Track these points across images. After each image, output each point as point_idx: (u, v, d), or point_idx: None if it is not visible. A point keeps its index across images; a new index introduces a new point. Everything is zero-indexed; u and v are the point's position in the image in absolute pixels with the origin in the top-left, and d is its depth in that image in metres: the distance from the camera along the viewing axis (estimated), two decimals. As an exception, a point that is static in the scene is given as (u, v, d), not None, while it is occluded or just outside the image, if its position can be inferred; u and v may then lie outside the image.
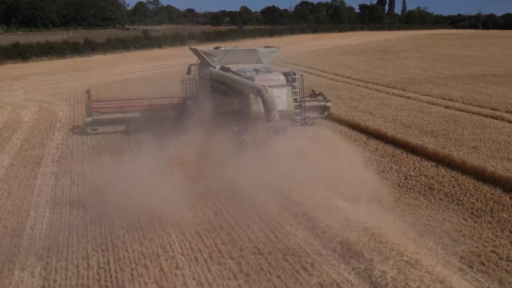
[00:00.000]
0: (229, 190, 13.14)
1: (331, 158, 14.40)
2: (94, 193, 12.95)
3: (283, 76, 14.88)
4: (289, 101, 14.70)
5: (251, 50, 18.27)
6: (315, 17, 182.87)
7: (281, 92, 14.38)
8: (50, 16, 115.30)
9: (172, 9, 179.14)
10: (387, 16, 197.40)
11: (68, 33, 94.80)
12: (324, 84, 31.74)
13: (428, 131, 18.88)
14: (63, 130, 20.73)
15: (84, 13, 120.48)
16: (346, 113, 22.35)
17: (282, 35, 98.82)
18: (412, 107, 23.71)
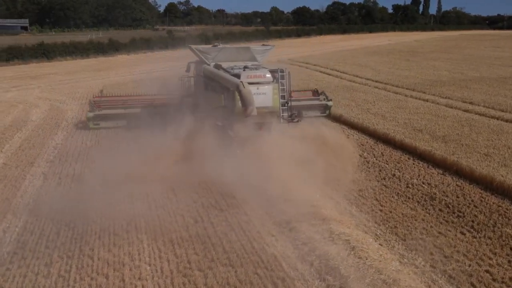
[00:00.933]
0: (216, 194, 12.71)
1: (326, 161, 13.93)
2: (77, 195, 12.57)
3: (270, 73, 14.93)
4: (274, 98, 14.75)
5: (244, 48, 18.77)
6: (347, 18, 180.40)
7: (266, 89, 14.58)
8: (82, 17, 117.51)
9: (202, 10, 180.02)
10: (421, 17, 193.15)
11: (98, 33, 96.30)
12: (341, 86, 30.81)
13: (440, 136, 17.81)
14: (67, 129, 20.59)
15: (115, 14, 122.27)
16: (357, 116, 21.43)
17: (310, 36, 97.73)
18: (428, 111, 22.57)
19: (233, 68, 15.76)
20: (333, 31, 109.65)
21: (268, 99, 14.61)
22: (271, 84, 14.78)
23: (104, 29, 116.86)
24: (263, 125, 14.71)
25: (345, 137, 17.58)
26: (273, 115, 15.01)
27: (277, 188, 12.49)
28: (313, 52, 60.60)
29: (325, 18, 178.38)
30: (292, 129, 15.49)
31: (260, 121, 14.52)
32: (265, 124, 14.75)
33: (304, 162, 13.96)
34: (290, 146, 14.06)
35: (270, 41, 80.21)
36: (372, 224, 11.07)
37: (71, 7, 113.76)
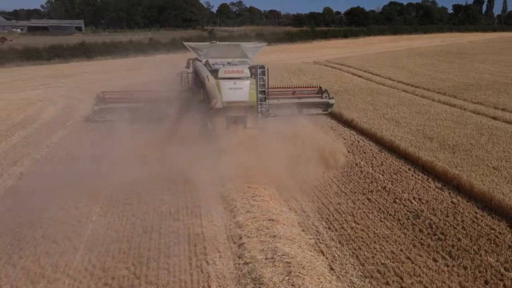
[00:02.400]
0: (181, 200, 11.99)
1: (305, 166, 13.70)
2: (36, 197, 12.18)
3: (248, 69, 15.25)
4: (251, 93, 15.03)
5: (235, 45, 18.92)
6: (403, 19, 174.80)
7: (243, 84, 14.91)
8: (134, 17, 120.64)
9: (254, 11, 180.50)
10: (484, 17, 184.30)
11: (146, 34, 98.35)
12: (366, 88, 29.19)
13: (450, 145, 16.14)
14: (70, 128, 20.51)
15: (166, 15, 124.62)
16: (368, 121, 19.99)
17: (358, 37, 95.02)
18: (449, 117, 20.74)
19: (217, 63, 15.97)
20: (384, 32, 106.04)
21: (244, 94, 14.91)
22: (248, 79, 15.05)
23: (155, 29, 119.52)
24: (239, 119, 15.22)
25: (331, 141, 16.39)
26: (249, 110, 15.40)
27: (243, 198, 11.64)
28: (355, 53, 58.59)
29: (380, 18, 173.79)
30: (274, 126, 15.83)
31: (236, 115, 15.12)
32: (240, 118, 15.24)
33: (279, 165, 13.23)
34: (266, 146, 14.08)
35: (315, 42, 78.71)
36: (334, 244, 9.89)
37: (124, 8, 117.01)
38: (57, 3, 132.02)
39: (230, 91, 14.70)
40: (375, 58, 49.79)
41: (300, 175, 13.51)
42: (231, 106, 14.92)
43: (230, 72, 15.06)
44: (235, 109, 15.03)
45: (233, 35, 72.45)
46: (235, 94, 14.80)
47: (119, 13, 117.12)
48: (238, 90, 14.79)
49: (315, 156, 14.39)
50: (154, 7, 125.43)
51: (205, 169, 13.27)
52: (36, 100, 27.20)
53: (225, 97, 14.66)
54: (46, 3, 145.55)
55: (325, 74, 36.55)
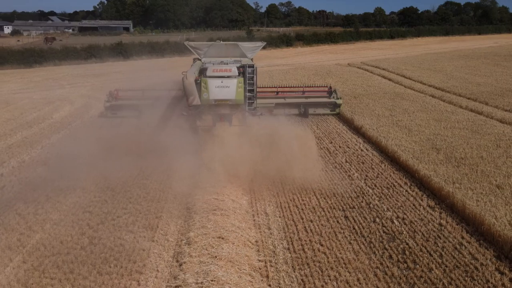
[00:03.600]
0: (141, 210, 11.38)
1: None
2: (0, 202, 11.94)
3: (236, 68, 15.51)
4: (238, 91, 15.30)
5: (233, 45, 19.15)
6: (460, 19, 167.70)
7: (230, 82, 15.23)
8: (181, 18, 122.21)
9: (302, 11, 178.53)
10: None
11: (190, 34, 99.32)
12: (391, 92, 27.59)
13: (457, 157, 14.64)
14: (74, 128, 20.44)
15: (212, 15, 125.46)
16: (378, 128, 18.67)
17: (405, 38, 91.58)
18: (469, 125, 19.04)
19: (211, 62, 16.29)
20: (434, 33, 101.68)
21: (231, 92, 15.24)
22: (235, 78, 15.32)
23: (201, 30, 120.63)
24: (224, 116, 15.52)
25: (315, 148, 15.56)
26: (235, 108, 15.63)
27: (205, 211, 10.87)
28: (396, 55, 56.25)
29: (434, 19, 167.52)
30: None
31: (222, 112, 15.48)
32: (226, 115, 15.53)
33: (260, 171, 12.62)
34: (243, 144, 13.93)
35: (358, 43, 76.48)
36: (285, 268, 8.92)
37: (171, 9, 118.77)
38: (108, 5, 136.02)
39: (217, 89, 15.18)
40: (415, 61, 47.48)
41: (282, 184, 12.98)
42: (218, 104, 15.35)
43: (218, 70, 15.40)
44: (222, 107, 15.41)
45: (273, 35, 71.47)
46: (222, 92, 15.23)
47: (166, 14, 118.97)
48: (225, 89, 15.19)
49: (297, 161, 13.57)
50: (201, 8, 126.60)
51: (182, 175, 12.91)
52: (55, 99, 27.50)
53: (212, 95, 15.22)
54: (98, 4, 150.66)
55: (354, 76, 35.04)
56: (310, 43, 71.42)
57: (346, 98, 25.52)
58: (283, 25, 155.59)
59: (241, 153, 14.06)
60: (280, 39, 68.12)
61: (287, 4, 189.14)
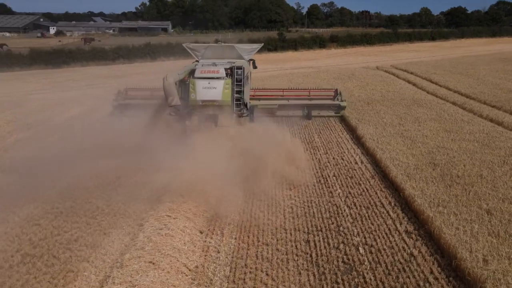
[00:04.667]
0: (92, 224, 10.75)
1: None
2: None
3: (223, 70, 15.64)
4: (225, 92, 15.45)
5: (229, 46, 19.25)
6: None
7: (217, 84, 15.38)
8: (220, 18, 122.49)
9: (345, 12, 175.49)
10: None
11: (226, 35, 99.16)
12: (409, 98, 25.94)
13: (454, 175, 13.21)
14: (71, 131, 20.07)
15: (251, 16, 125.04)
16: (378, 138, 17.36)
17: (447, 39, 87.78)
18: (481, 137, 17.39)
19: (201, 64, 16.56)
20: (479, 34, 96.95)
21: (218, 93, 15.40)
22: (223, 79, 15.50)
23: (239, 30, 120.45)
24: (211, 117, 15.73)
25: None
26: (222, 109, 15.69)
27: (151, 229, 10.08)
28: (432, 57, 53.78)
29: (484, 19, 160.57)
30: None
31: (209, 113, 15.68)
32: (212, 116, 15.71)
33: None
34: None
35: (396, 45, 73.96)
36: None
37: (210, 9, 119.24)
38: (150, 6, 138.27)
39: (204, 90, 15.39)
40: (449, 64, 45.06)
41: (251, 199, 12.30)
42: (205, 104, 15.55)
43: (206, 72, 15.58)
44: (208, 108, 15.63)
45: (305, 36, 69.96)
46: (209, 93, 15.43)
47: (205, 14, 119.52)
48: (212, 90, 15.37)
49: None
50: (240, 9, 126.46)
51: (152, 186, 12.33)
52: (67, 101, 27.45)
53: (199, 96, 15.44)
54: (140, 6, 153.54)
55: (376, 81, 33.42)
56: (345, 44, 69.58)
57: (358, 104, 24.22)
58: (324, 25, 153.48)
59: (215, 164, 13.46)
60: (313, 41, 66.72)
61: (329, 5, 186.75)
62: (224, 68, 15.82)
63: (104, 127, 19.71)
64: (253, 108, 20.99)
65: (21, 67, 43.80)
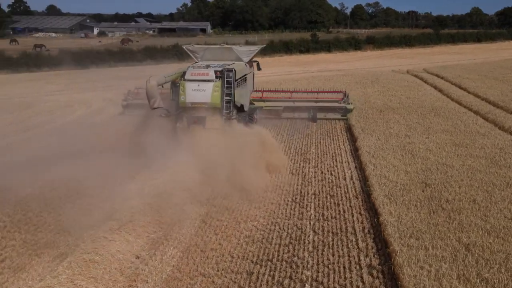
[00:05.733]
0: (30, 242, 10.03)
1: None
2: None
3: (213, 72, 15.56)
4: (214, 95, 15.39)
5: (227, 49, 19.34)
6: None
7: (206, 86, 15.35)
8: (259, 19, 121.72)
9: (390, 12, 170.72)
10: None
11: (263, 36, 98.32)
12: (429, 106, 24.08)
13: (442, 199, 11.64)
14: (65, 135, 19.66)
15: (291, 16, 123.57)
16: (376, 152, 15.92)
17: (495, 41, 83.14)
18: (491, 154, 15.58)
19: (194, 66, 16.65)
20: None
21: (207, 95, 15.35)
22: (212, 82, 15.43)
23: (279, 31, 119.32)
24: (199, 120, 15.65)
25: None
26: (211, 111, 15.62)
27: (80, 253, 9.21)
28: (471, 60, 50.82)
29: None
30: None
31: (197, 115, 15.62)
32: (201, 118, 15.62)
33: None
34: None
35: (437, 47, 70.55)
36: None
37: (249, 10, 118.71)
38: (192, 6, 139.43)
39: (193, 92, 15.32)
40: (487, 68, 42.26)
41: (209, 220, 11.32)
42: (195, 106, 15.48)
43: (196, 74, 15.55)
44: (197, 110, 15.57)
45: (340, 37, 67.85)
46: (198, 95, 15.35)
47: (245, 15, 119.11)
48: (201, 92, 15.32)
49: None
50: (280, 9, 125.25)
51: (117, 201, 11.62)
52: (76, 103, 27.40)
53: (188, 98, 15.36)
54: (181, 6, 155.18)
55: (399, 86, 31.51)
56: (382, 46, 67.10)
57: (369, 112, 22.70)
58: (368, 26, 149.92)
59: (185, 176, 12.71)
60: (348, 42, 64.69)
61: (375, 5, 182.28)
62: (215, 70, 15.71)
63: (94, 130, 19.45)
64: (257, 109, 21.13)
65: (50, 67, 44.52)
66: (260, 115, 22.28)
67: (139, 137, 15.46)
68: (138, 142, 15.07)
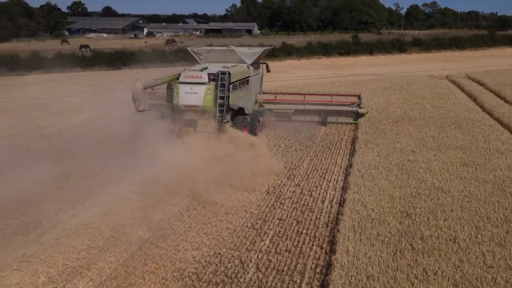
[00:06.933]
0: None
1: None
2: None
3: (206, 75, 15.62)
4: (206, 98, 15.48)
5: (230, 51, 19.21)
6: None
7: (199, 89, 15.49)
8: (307, 20, 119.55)
9: (447, 12, 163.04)
10: None
11: (309, 36, 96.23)
12: (452, 117, 21.69)
13: (418, 235, 9.80)
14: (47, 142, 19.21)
15: (340, 17, 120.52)
16: (368, 170, 14.18)
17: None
18: (502, 178, 13.42)
19: (190, 69, 16.78)
20: None
21: (199, 98, 15.46)
22: (205, 85, 15.52)
23: (327, 32, 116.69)
24: (190, 122, 15.86)
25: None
26: (203, 114, 15.72)
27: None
28: None
29: None
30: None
31: (189, 118, 15.84)
32: (192, 121, 15.82)
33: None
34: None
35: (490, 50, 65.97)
36: None
37: (297, 11, 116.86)
38: (241, 7, 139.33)
39: (186, 95, 15.49)
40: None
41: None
42: (188, 109, 15.66)
43: (190, 77, 15.69)
44: (188, 112, 15.75)
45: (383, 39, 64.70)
46: (191, 98, 15.50)
47: (293, 16, 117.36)
48: (194, 95, 15.45)
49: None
50: (330, 10, 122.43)
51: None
52: (86, 105, 26.75)
53: (181, 101, 15.56)
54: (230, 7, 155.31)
55: (429, 93, 29.01)
56: (429, 49, 63.38)
57: (382, 122, 20.83)
58: (423, 27, 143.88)
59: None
60: (392, 44, 61.63)
61: (432, 5, 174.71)
62: (208, 73, 15.76)
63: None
64: (264, 112, 20.70)
65: (83, 68, 45.00)
66: (269, 118, 21.78)
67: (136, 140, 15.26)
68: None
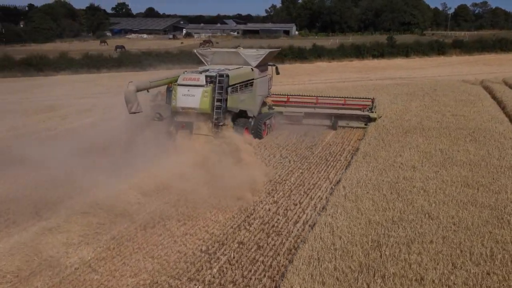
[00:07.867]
0: None
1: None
2: None
3: (204, 78, 15.65)
4: (203, 100, 15.48)
5: (234, 53, 19.21)
6: None
7: (196, 91, 15.50)
8: (348, 21, 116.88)
9: (498, 12, 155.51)
10: None
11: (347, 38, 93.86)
12: (471, 128, 19.70)
13: (381, 273, 8.42)
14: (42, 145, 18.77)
15: (382, 18, 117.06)
16: (353, 188, 12.79)
17: None
18: (503, 199, 11.72)
19: (191, 71, 16.87)
20: None
21: (196, 101, 15.48)
22: (202, 87, 15.52)
23: (367, 33, 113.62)
24: (186, 125, 15.98)
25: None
26: (200, 117, 15.79)
27: None
28: None
29: None
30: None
31: (185, 120, 15.94)
32: (188, 123, 15.92)
33: None
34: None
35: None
36: None
37: (337, 11, 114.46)
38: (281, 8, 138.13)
39: (183, 97, 15.54)
40: None
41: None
42: (185, 111, 15.69)
43: (187, 79, 15.72)
44: (185, 114, 15.80)
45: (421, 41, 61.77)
46: (188, 100, 15.54)
47: (332, 16, 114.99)
48: (191, 97, 15.49)
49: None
50: (371, 10, 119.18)
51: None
52: (92, 107, 26.72)
53: (179, 103, 15.65)
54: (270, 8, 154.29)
55: (455, 100, 26.95)
56: (471, 51, 60.23)
57: (392, 132, 19.37)
58: (472, 28, 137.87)
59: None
60: (430, 46, 58.88)
61: (482, 5, 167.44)
62: (206, 76, 15.76)
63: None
64: (271, 115, 20.59)
65: (109, 69, 45.23)
66: (279, 121, 21.40)
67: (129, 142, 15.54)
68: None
